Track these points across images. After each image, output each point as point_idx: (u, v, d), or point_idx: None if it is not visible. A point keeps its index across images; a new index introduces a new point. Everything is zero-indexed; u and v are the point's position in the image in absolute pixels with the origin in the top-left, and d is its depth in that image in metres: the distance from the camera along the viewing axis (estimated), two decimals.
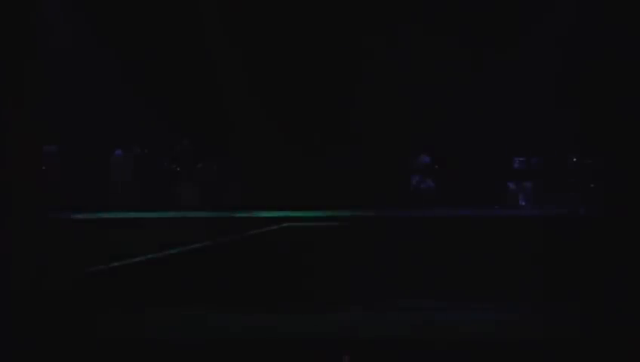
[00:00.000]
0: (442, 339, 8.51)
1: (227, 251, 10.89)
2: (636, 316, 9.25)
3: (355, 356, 8.15)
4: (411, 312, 10.00)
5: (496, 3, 14.31)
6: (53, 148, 13.66)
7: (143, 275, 10.58)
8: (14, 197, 10.43)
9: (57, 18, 13.63)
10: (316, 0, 14.36)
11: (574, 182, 14.11)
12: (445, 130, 14.34)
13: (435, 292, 10.41)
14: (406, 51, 14.27)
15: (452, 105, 14.37)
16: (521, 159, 14.55)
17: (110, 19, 14.22)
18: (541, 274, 10.45)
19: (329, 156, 14.21)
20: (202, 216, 12.14)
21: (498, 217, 12.20)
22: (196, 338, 8.70)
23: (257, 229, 11.07)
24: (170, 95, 14.41)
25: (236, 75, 14.46)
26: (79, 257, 10.60)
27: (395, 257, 10.76)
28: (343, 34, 14.40)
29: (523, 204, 14.36)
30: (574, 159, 14.32)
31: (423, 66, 14.20)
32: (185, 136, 14.50)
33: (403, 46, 14.27)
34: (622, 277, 10.05)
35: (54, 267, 10.34)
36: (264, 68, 14.51)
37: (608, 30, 12.29)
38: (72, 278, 10.29)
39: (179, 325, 9.32)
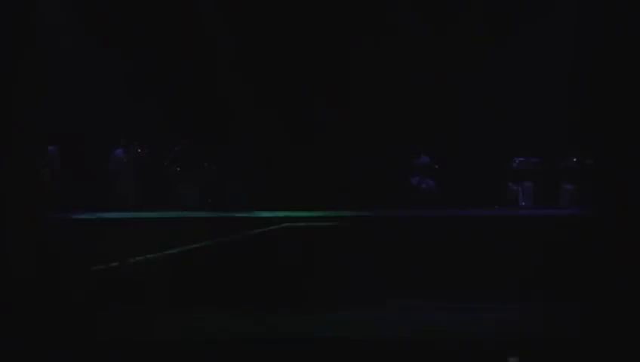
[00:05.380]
0: (442, 339, 8.50)
1: (227, 251, 10.88)
2: (636, 316, 9.24)
3: (355, 356, 8.15)
4: (411, 312, 9.99)
5: (496, 3, 14.33)
6: (53, 148, 13.67)
7: (142, 275, 10.58)
8: (14, 197, 10.42)
9: (57, 17, 13.63)
10: None
11: (574, 182, 14.13)
12: (445, 130, 14.35)
13: (436, 292, 10.40)
14: (407, 50, 14.28)
15: (452, 105, 14.38)
16: (521, 159, 14.58)
17: (111, 19, 14.23)
18: (541, 273, 10.44)
19: (329, 156, 14.21)
20: (202, 216, 12.14)
21: (498, 217, 12.20)
22: (196, 338, 8.69)
23: (257, 229, 11.06)
24: (171, 95, 14.42)
25: (237, 74, 14.47)
26: (78, 257, 10.59)
27: (396, 257, 10.75)
28: (343, 33, 14.41)
29: (523, 203, 14.39)
30: (574, 159, 14.34)
31: (423, 66, 14.22)
32: (185, 136, 14.51)
33: (403, 44, 14.29)
34: (621, 277, 10.04)
35: (53, 267, 10.33)
36: (265, 68, 14.53)
37: (609, 30, 12.27)
38: (71, 279, 10.29)
39: (178, 325, 9.31)
